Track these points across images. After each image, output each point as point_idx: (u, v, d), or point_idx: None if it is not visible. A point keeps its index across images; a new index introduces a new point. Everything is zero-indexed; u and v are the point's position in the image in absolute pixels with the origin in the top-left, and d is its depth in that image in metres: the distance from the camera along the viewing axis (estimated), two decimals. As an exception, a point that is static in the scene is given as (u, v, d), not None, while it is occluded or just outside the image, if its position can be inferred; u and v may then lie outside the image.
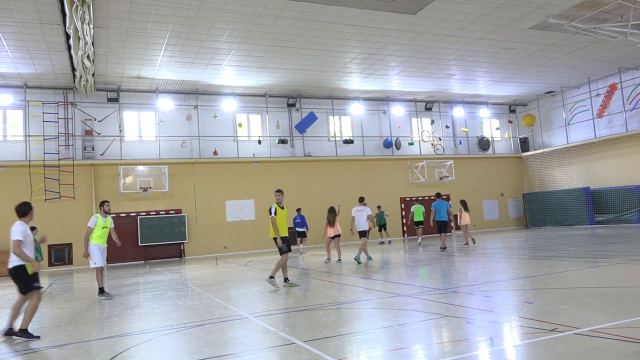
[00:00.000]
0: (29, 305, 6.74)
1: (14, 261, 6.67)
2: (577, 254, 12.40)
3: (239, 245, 22.77)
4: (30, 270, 6.71)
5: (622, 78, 24.06)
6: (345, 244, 20.25)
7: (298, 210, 20.51)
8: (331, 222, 15.29)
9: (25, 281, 6.74)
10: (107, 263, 20.63)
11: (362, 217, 14.44)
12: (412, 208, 20.96)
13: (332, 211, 15.37)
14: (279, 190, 10.52)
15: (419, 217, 20.44)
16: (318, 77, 22.19)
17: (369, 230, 14.51)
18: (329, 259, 15.48)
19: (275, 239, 10.13)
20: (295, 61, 19.81)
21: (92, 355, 5.56)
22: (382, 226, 22.32)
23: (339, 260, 14.86)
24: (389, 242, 22.87)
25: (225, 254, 22.24)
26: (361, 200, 15.51)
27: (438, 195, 17.47)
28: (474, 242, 18.01)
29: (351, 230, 15.38)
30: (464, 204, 18.37)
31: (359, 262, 13.86)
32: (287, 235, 10.17)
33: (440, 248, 16.46)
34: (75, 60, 16.56)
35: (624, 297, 6.98)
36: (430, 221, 17.35)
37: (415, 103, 27.72)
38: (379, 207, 22.56)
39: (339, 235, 15.40)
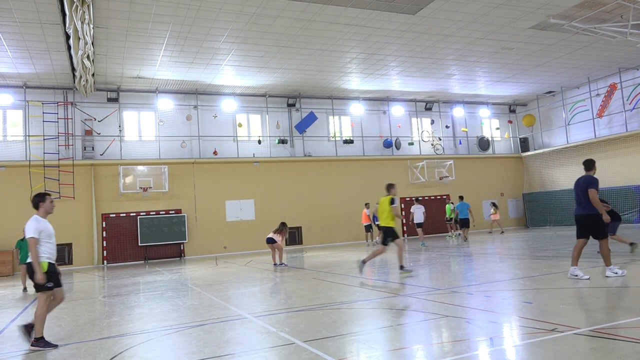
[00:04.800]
0: (37, 309, 6.16)
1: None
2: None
3: (239, 245, 22.78)
4: (44, 268, 6.10)
5: (622, 78, 24.05)
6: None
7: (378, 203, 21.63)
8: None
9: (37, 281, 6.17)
10: (108, 263, 20.83)
11: (419, 212, 19.53)
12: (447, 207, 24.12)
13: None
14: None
15: (450, 214, 23.54)
16: (318, 77, 22.19)
17: (423, 222, 19.74)
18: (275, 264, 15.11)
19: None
20: (295, 61, 19.81)
21: (92, 355, 5.56)
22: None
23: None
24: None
25: (225, 254, 22.24)
26: (418, 200, 21.00)
27: (461, 197, 20.93)
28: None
29: (411, 222, 20.09)
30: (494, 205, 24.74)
31: (423, 245, 18.68)
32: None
33: (463, 239, 19.96)
34: (75, 60, 16.56)
35: (624, 297, 6.98)
36: (455, 218, 21.50)
37: (415, 103, 27.72)
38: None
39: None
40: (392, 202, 11.19)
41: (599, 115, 25.25)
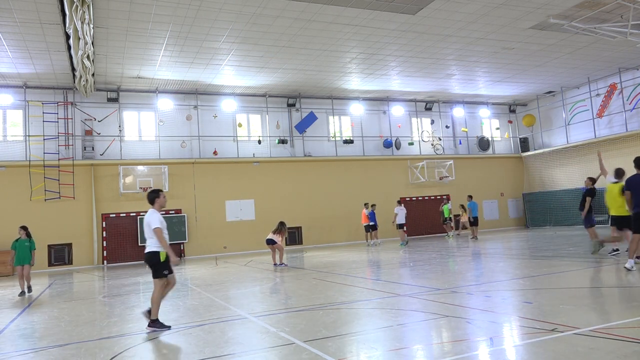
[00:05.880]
0: (153, 293, 6.82)
1: (151, 246, 6.84)
2: (577, 254, 12.41)
3: (239, 245, 22.77)
4: (163, 258, 6.78)
5: (622, 78, 24.05)
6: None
7: (372, 206, 22.06)
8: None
9: (156, 268, 6.81)
10: (108, 263, 20.84)
11: (402, 214, 20.89)
12: (441, 207, 24.57)
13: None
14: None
15: (447, 214, 24.07)
16: (318, 77, 22.19)
17: (405, 224, 21.13)
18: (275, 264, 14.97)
19: None
20: (295, 61, 19.81)
21: (92, 355, 5.56)
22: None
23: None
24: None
25: (225, 254, 22.23)
26: (399, 202, 21.95)
27: (470, 197, 21.95)
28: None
29: (393, 222, 21.32)
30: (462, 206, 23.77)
31: (403, 245, 19.98)
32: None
33: (472, 237, 21.13)
34: (75, 60, 16.57)
35: (623, 297, 6.98)
36: (470, 217, 21.68)
37: (415, 103, 27.72)
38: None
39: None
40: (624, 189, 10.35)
41: (599, 115, 25.25)
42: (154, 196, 7.09)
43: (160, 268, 6.81)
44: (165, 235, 6.91)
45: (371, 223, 21.78)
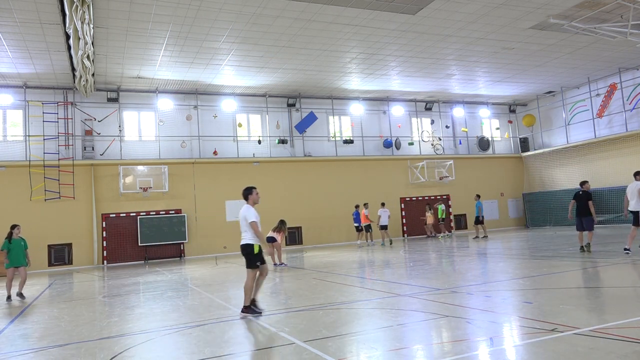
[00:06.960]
0: (245, 282, 7.31)
1: (246, 239, 7.43)
2: (577, 254, 12.41)
3: (238, 245, 22.68)
4: (256, 250, 7.31)
5: (622, 78, 24.05)
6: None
7: (356, 206, 22.38)
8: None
9: (250, 258, 7.33)
10: (108, 263, 20.84)
11: (385, 215, 21.80)
12: (436, 206, 24.95)
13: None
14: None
15: (441, 214, 24.44)
16: (318, 77, 22.19)
17: (387, 225, 22.03)
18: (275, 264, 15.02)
19: None
20: (295, 61, 19.80)
21: (92, 355, 5.56)
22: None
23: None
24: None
25: (225, 254, 22.23)
26: (382, 205, 22.49)
27: (478, 196, 22.12)
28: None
29: (377, 223, 21.97)
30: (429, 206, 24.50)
31: (383, 245, 21.41)
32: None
33: (483, 237, 21.39)
34: (75, 60, 16.57)
35: (623, 297, 6.98)
36: (480, 216, 21.78)
37: (415, 103, 27.72)
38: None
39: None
40: None
41: (599, 115, 25.24)
42: (247, 193, 7.78)
43: (254, 259, 7.30)
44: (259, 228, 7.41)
45: (355, 224, 21.82)
